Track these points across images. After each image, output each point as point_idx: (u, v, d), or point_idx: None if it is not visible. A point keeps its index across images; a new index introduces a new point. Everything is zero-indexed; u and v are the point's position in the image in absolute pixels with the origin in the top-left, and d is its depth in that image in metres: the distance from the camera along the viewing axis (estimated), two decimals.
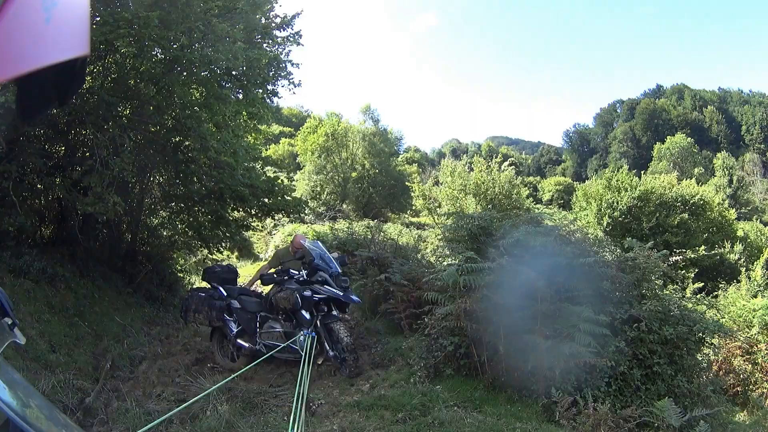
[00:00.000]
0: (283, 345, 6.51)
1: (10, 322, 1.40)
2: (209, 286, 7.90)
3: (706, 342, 6.21)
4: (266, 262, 9.37)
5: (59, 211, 9.24)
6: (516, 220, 7.51)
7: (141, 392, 6.26)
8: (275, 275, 7.42)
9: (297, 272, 7.27)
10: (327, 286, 7.01)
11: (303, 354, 5.56)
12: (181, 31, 7.92)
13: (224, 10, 8.62)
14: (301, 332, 6.67)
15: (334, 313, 7.04)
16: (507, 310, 5.66)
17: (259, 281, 8.05)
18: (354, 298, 7.21)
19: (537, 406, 5.35)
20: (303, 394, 4.44)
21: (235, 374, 5.34)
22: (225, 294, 7.63)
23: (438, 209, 28.07)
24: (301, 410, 4.21)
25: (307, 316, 6.86)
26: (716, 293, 10.73)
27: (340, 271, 7.33)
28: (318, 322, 6.86)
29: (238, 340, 7.37)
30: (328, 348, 6.84)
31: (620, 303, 5.89)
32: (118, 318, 8.49)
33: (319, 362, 6.95)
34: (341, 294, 6.96)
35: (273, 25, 10.52)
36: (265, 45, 10.32)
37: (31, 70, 0.82)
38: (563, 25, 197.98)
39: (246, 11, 9.12)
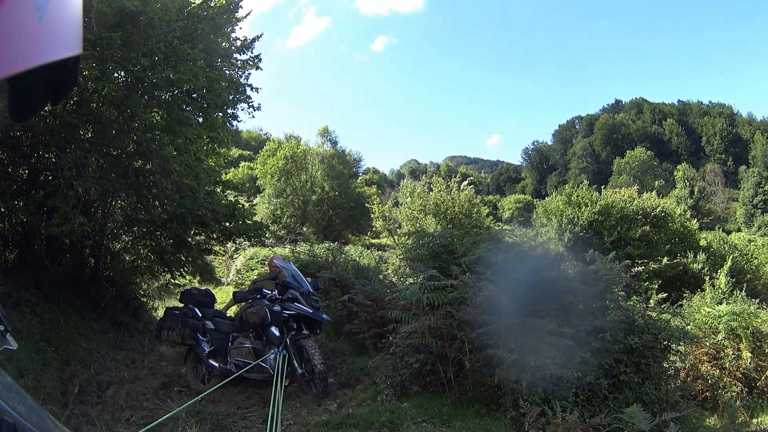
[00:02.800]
0: (253, 363, 6.53)
1: (2, 329, 1.40)
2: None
3: (672, 349, 6.30)
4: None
5: (23, 234, 9.12)
6: (477, 238, 7.59)
7: (110, 417, 6.18)
8: (248, 293, 7.44)
9: (270, 291, 7.27)
10: (297, 304, 6.99)
11: (274, 373, 5.55)
12: (143, 53, 7.88)
13: (186, 32, 8.60)
14: (272, 351, 6.67)
15: (305, 332, 7.00)
16: (471, 326, 5.72)
17: (234, 307, 8.06)
18: (324, 316, 7.22)
19: (505, 419, 5.38)
20: (277, 414, 4.41)
21: (202, 395, 5.31)
22: (200, 315, 7.65)
23: (398, 230, 28.01)
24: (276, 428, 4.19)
25: (277, 333, 6.87)
26: (681, 303, 10.86)
27: (311, 290, 7.34)
28: (288, 341, 6.83)
29: (210, 360, 7.37)
30: (296, 366, 6.80)
31: (584, 315, 5.95)
32: (84, 343, 8.35)
33: (286, 383, 6.93)
34: (310, 311, 6.94)
35: (233, 48, 10.54)
36: (225, 68, 10.32)
37: (24, 70, 0.82)
38: (520, 42, 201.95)
39: (207, 33, 9.12)
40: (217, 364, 7.32)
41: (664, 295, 10.51)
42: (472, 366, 5.72)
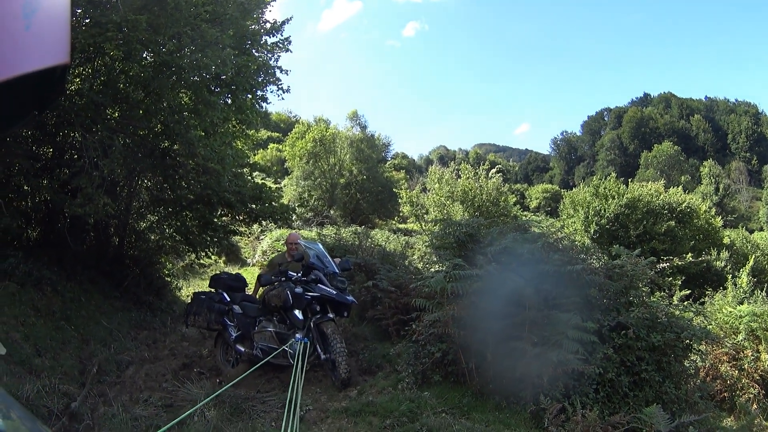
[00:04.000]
0: (279, 349, 6.35)
1: None
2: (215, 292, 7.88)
3: (694, 348, 6.25)
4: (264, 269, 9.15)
5: (46, 213, 9.14)
6: (503, 228, 7.53)
7: (128, 397, 6.19)
8: (273, 276, 7.23)
9: (295, 274, 7.03)
10: (321, 285, 6.77)
11: (294, 362, 5.48)
12: (169, 36, 7.86)
13: (214, 16, 8.55)
14: (295, 336, 6.50)
15: (330, 315, 6.77)
16: (495, 317, 5.67)
17: (261, 290, 7.96)
18: (349, 298, 6.90)
19: (525, 413, 5.33)
20: (295, 406, 4.38)
21: (226, 386, 5.27)
22: (228, 299, 7.56)
23: (425, 216, 28.02)
24: (292, 419, 4.16)
25: (300, 316, 6.69)
26: (703, 300, 10.77)
27: (338, 271, 7.09)
28: (312, 324, 6.65)
29: (237, 345, 7.27)
30: (320, 351, 6.59)
31: (608, 310, 5.91)
32: (105, 322, 8.38)
33: (307, 368, 6.83)
34: (334, 293, 6.70)
35: (262, 31, 10.49)
36: (254, 51, 10.32)
37: (10, 78, 0.81)
38: (551, 32, 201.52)
39: (236, 17, 9.08)
40: (244, 349, 7.18)
41: (688, 292, 10.40)
42: (494, 358, 5.68)
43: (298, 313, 6.71)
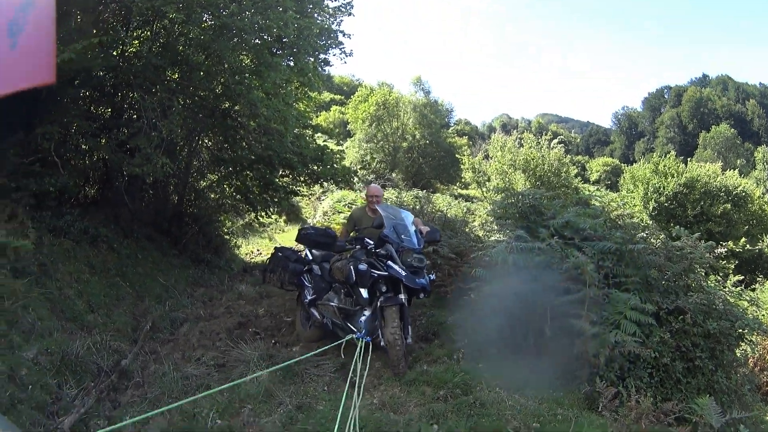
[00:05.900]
0: (346, 338, 5.83)
1: None
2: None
3: (746, 338, 6.15)
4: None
5: (104, 171, 9.24)
6: (566, 201, 7.43)
7: (180, 355, 6.22)
8: (347, 243, 6.66)
9: (372, 242, 6.23)
10: (390, 263, 5.93)
11: (354, 360, 5.03)
12: None
13: None
14: (362, 317, 6.06)
15: (400, 296, 5.90)
16: (555, 293, 5.59)
17: None
18: (420, 280, 5.92)
19: (579, 393, 5.22)
20: (354, 404, 4.21)
21: (280, 365, 5.06)
22: (311, 258, 7.08)
23: (487, 183, 28.13)
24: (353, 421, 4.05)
25: (365, 294, 6.00)
26: (754, 287, 10.61)
27: (418, 246, 6.18)
28: (378, 304, 5.91)
29: (311, 309, 6.74)
30: (381, 336, 5.88)
31: (667, 293, 5.82)
32: (161, 279, 8.52)
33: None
34: (403, 274, 5.83)
35: None
36: (316, 14, 10.29)
37: None
38: (615, 6, 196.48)
39: None
40: (317, 315, 6.62)
41: (741, 277, 10.18)
42: (553, 334, 5.63)
43: (363, 291, 6.05)
